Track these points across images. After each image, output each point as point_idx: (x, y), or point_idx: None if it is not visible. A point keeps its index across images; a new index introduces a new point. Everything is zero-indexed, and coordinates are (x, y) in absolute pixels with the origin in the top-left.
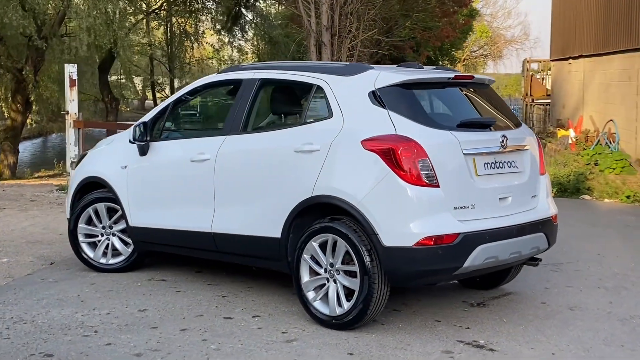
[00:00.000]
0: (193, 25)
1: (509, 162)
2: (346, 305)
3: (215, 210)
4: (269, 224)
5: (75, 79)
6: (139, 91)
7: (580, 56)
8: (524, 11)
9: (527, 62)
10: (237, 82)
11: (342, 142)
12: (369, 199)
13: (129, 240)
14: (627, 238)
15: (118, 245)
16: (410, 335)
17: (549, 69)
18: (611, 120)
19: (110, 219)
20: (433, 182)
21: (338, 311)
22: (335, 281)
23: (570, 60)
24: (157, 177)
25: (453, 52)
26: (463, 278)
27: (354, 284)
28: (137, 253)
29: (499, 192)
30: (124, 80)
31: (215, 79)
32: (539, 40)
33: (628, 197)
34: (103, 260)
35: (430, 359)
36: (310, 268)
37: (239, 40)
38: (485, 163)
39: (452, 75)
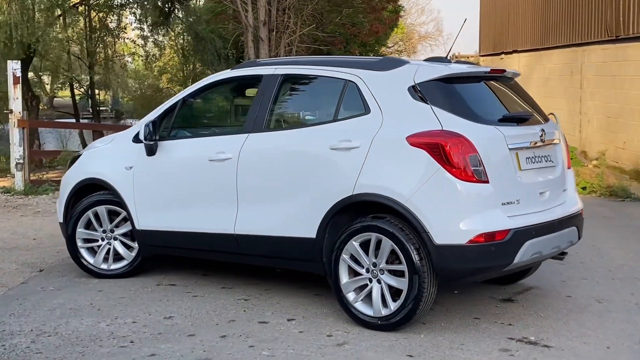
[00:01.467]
0: (115, 21)
1: (545, 156)
2: (393, 305)
3: (239, 211)
4: (302, 224)
5: (19, 76)
6: (47, 90)
7: (515, 51)
8: (436, 8)
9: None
10: (257, 78)
11: (384, 139)
12: (418, 197)
13: (132, 244)
14: (610, 229)
15: (121, 249)
16: (457, 334)
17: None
18: (552, 113)
19: (111, 223)
20: (483, 178)
21: (384, 312)
22: (379, 281)
23: (503, 56)
24: (169, 178)
25: (377, 48)
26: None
27: (402, 283)
28: (141, 257)
29: (539, 187)
30: (45, 78)
31: (230, 75)
32: (451, 37)
33: (584, 188)
34: (104, 266)
35: (490, 358)
36: (350, 268)
37: (162, 36)
38: (527, 158)
39: (488, 69)
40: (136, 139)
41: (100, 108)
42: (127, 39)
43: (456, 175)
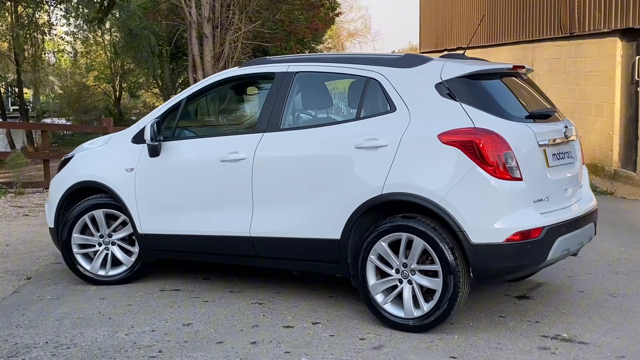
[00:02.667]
0: (43, 17)
1: (567, 152)
2: (426, 306)
3: (254, 213)
4: (326, 225)
5: None
6: None
7: (459, 48)
8: (364, 5)
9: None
10: (268, 76)
11: (413, 137)
12: (452, 195)
13: (131, 249)
14: None
15: (120, 255)
16: (489, 333)
17: None
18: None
19: (109, 227)
20: (517, 175)
21: (416, 313)
22: (410, 282)
23: (446, 53)
24: (176, 180)
25: (314, 45)
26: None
27: (435, 283)
28: (141, 263)
29: (564, 183)
30: None
31: (239, 73)
32: (379, 34)
33: None
34: (102, 272)
35: (532, 357)
36: (377, 269)
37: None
38: (553, 154)
39: (510, 65)
40: (136, 140)
41: (27, 106)
42: (56, 35)
43: (491, 173)
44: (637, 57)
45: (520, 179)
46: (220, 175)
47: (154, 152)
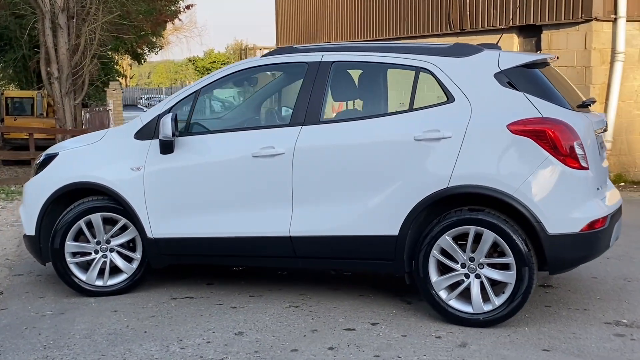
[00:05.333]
0: None
1: (602, 142)
2: (497, 300)
3: (294, 211)
4: (382, 221)
5: None
6: None
7: (326, 43)
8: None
9: (248, 49)
10: (299, 66)
11: (479, 128)
12: (527, 186)
13: (132, 255)
14: None
15: (120, 262)
16: (554, 323)
17: None
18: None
19: (106, 233)
20: (585, 165)
21: (486, 308)
22: (477, 276)
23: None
24: (197, 178)
25: (154, 39)
26: None
27: (507, 276)
28: (144, 270)
29: (606, 172)
30: None
31: (264, 62)
32: (205, 28)
33: None
34: (99, 283)
35: (614, 344)
36: (439, 265)
37: None
38: (599, 143)
39: (554, 55)
40: (141, 136)
41: None
42: None
43: (564, 163)
44: (538, 53)
45: (587, 168)
46: (252, 171)
47: (168, 148)
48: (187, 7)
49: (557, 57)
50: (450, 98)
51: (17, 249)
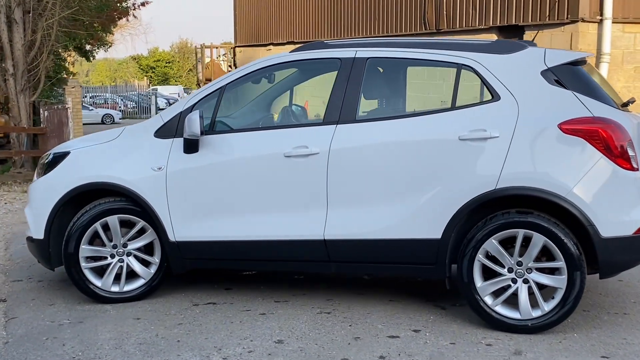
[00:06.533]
0: None
1: None
2: (546, 306)
3: (329, 213)
4: (424, 224)
5: None
6: None
7: (290, 42)
8: None
9: (204, 47)
10: (331, 62)
11: (528, 127)
12: (580, 188)
13: (150, 259)
14: None
15: (137, 267)
16: (600, 329)
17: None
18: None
19: (123, 236)
20: (635, 165)
21: (534, 314)
22: (525, 281)
23: (271, 47)
24: (223, 179)
25: (105, 35)
26: None
27: (557, 281)
28: (162, 275)
29: None
30: None
31: (293, 57)
32: (150, 26)
33: None
34: (115, 289)
35: None
36: (484, 270)
37: None
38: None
39: (593, 54)
40: (162, 134)
41: None
42: None
43: (616, 164)
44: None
45: (638, 169)
46: (284, 172)
47: (193, 147)
48: (143, 3)
49: (594, 55)
50: (495, 96)
51: (5, 253)
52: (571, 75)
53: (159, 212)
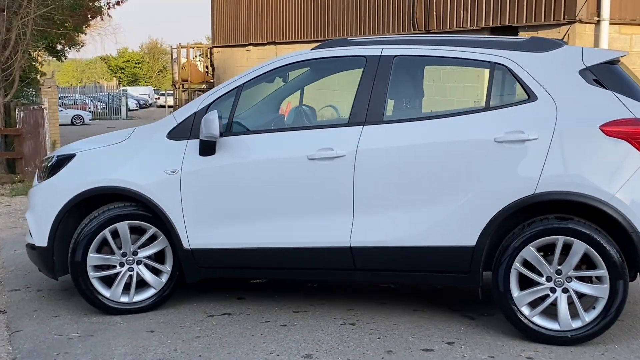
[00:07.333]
0: None
1: None
2: (587, 316)
3: (355, 219)
4: (458, 231)
5: None
6: None
7: (270, 42)
8: None
9: (180, 48)
10: (356, 60)
11: (568, 129)
12: (624, 193)
13: (161, 267)
14: None
15: (148, 276)
16: (636, 339)
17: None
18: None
19: (133, 243)
20: None
21: (575, 324)
22: (564, 290)
23: (251, 47)
24: (243, 183)
25: (77, 35)
26: None
27: (599, 290)
28: (174, 284)
29: None
30: None
31: (314, 55)
32: (119, 26)
33: None
34: (125, 299)
35: None
36: (520, 278)
37: None
38: None
39: (626, 52)
40: (175, 135)
41: None
42: None
43: None
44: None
45: None
46: (307, 176)
47: (210, 149)
48: (118, 2)
49: (628, 54)
50: (531, 96)
51: None
52: (610, 75)
53: (172, 218)
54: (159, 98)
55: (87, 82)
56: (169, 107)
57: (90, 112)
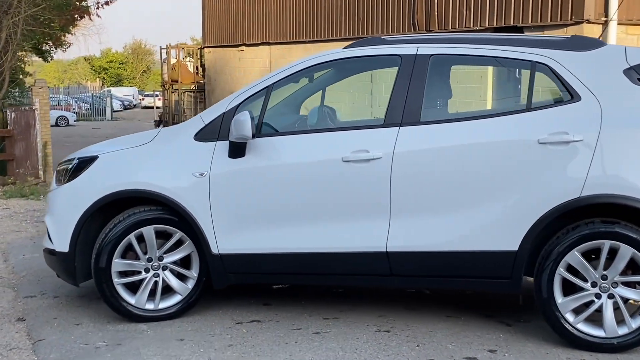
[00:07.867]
0: None
1: None
2: (634, 323)
3: (392, 223)
4: (500, 235)
5: None
6: None
7: (265, 43)
8: None
9: (170, 48)
10: (390, 59)
11: (614, 130)
12: None
13: (188, 273)
14: None
15: (174, 282)
16: None
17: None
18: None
19: (159, 248)
20: None
21: (621, 331)
22: (610, 296)
23: (244, 48)
24: (274, 185)
25: (62, 35)
26: None
27: None
28: (200, 290)
29: None
30: None
31: (348, 54)
32: (103, 26)
33: None
34: (150, 306)
35: None
36: (564, 284)
37: None
38: None
39: None
40: (203, 137)
41: None
42: None
43: None
44: None
45: None
46: (342, 178)
47: (240, 151)
48: (106, 2)
49: None
50: (574, 97)
51: (6, 265)
52: None
53: (200, 222)
54: (143, 99)
55: (70, 83)
56: (157, 108)
57: (74, 113)
